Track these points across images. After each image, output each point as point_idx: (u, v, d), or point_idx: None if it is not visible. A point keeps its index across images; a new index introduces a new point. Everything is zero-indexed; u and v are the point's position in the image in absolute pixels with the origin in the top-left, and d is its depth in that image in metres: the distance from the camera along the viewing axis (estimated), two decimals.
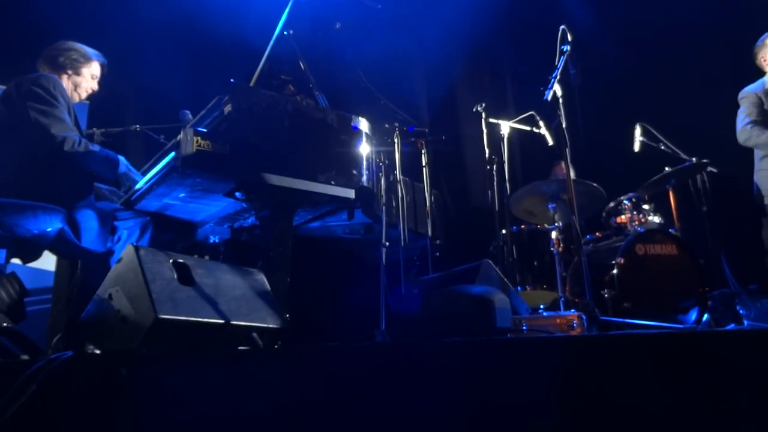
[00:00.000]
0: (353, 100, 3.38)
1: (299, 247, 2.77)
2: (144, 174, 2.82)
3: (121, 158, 2.74)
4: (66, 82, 2.86)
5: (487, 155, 3.78)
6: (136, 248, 1.80)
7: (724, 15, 4.81)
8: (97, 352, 1.79)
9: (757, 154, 3.78)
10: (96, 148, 2.64)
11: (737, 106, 3.89)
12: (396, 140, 3.12)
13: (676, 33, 5.03)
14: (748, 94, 3.81)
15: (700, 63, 4.79)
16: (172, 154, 2.40)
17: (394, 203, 3.07)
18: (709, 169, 3.99)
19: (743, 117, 3.76)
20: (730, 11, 4.79)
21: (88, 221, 2.58)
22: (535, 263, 3.96)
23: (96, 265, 2.52)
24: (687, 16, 4.99)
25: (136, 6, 4.74)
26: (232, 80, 2.50)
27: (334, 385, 1.54)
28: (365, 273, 3.27)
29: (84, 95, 2.98)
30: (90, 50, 2.97)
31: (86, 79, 2.95)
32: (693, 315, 3.39)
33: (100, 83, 3.03)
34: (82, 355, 1.66)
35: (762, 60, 3.81)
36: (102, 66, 3.01)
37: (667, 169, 3.90)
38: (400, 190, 3.11)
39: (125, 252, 1.85)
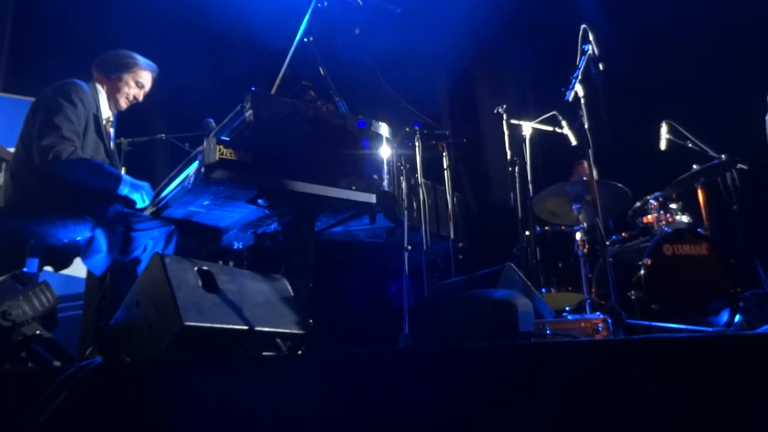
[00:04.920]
0: (373, 105, 3.39)
1: (322, 251, 2.79)
2: (170, 182, 2.88)
3: (126, 176, 2.68)
4: (108, 87, 2.86)
5: (508, 156, 3.75)
6: (162, 257, 1.84)
7: (751, 8, 4.69)
8: (126, 358, 1.83)
9: None
10: (86, 158, 2.58)
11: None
12: (417, 143, 3.12)
13: (702, 27, 4.91)
14: None
15: (728, 57, 4.66)
16: (196, 162, 2.45)
17: (415, 206, 3.06)
18: (740, 166, 3.89)
19: None
20: (758, 4, 4.66)
21: (97, 244, 2.57)
22: (560, 265, 3.91)
23: (124, 273, 2.57)
24: (713, 10, 4.88)
25: (160, 17, 4.84)
26: (252, 89, 2.53)
27: (358, 390, 1.55)
28: (388, 277, 3.28)
29: (124, 103, 2.92)
30: (140, 58, 2.94)
31: (128, 85, 2.90)
32: (724, 317, 3.29)
33: (146, 95, 2.99)
34: (111, 362, 1.70)
35: None
36: (151, 74, 2.97)
37: (695, 167, 3.81)
38: (422, 193, 3.10)
39: (151, 260, 1.89)
